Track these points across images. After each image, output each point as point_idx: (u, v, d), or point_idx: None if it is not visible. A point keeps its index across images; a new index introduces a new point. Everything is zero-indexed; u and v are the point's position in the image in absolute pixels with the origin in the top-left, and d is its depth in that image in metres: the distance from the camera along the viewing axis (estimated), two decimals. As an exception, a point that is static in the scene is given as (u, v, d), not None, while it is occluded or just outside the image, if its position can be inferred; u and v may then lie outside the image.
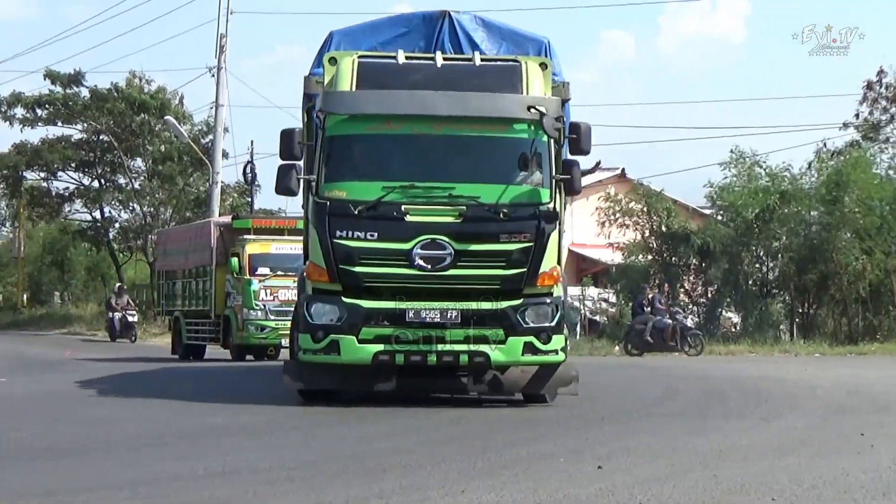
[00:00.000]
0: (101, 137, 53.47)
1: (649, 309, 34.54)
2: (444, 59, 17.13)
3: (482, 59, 17.21)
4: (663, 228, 40.00)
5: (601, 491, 9.97)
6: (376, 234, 15.82)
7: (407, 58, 17.00)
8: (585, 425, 14.88)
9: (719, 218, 40.24)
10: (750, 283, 39.75)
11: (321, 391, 16.78)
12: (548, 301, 16.26)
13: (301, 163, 16.51)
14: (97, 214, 55.92)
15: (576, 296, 42.69)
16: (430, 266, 15.81)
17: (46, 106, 52.57)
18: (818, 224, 39.18)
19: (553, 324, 16.21)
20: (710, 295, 40.42)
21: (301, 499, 9.68)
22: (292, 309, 20.15)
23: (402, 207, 15.82)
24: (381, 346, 15.77)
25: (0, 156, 54.76)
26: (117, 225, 56.69)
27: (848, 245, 38.00)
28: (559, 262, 17.17)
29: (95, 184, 55.38)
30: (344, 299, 15.89)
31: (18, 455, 12.06)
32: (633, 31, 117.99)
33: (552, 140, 16.13)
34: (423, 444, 12.95)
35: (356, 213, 15.80)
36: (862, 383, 21.93)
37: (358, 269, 15.85)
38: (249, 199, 49.12)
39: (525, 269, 15.99)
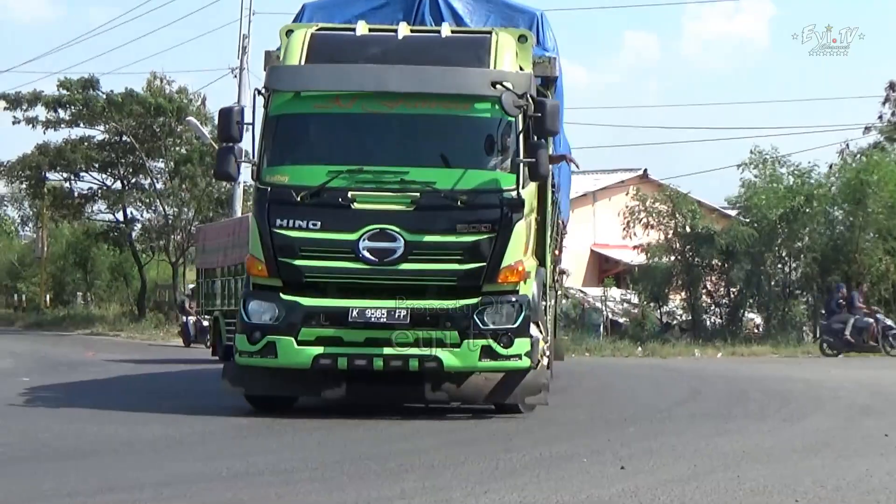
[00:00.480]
0: (123, 138, 53.59)
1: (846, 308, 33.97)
2: (412, 30, 15.69)
3: (452, 31, 15.72)
4: (687, 229, 39.93)
5: (624, 492, 9.95)
6: (319, 224, 14.40)
7: (371, 30, 15.52)
8: (608, 426, 14.86)
9: (745, 220, 40.03)
10: (773, 283, 39.69)
11: (270, 398, 15.53)
12: (512, 300, 14.55)
13: (240, 145, 14.99)
14: (119, 215, 56.00)
15: (598, 297, 42.72)
16: (377, 259, 14.31)
17: (67, 106, 52.65)
18: (841, 225, 39.12)
19: (515, 325, 14.47)
20: (732, 296, 40.36)
21: (323, 499, 9.68)
22: None
23: (349, 194, 14.37)
24: (321, 349, 14.37)
25: (23, 156, 54.85)
26: (139, 225, 56.79)
27: (871, 246, 37.96)
28: (544, 257, 16.43)
29: (118, 185, 55.49)
30: (282, 296, 14.50)
31: (41, 455, 12.09)
32: (656, 32, 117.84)
33: (519, 119, 14.58)
34: (443, 444, 12.93)
35: (298, 199, 14.44)
36: (885, 385, 21.89)
37: (298, 262, 14.44)
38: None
39: (484, 264, 14.40)
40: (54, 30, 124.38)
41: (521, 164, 14.58)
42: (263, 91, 14.88)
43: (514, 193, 14.51)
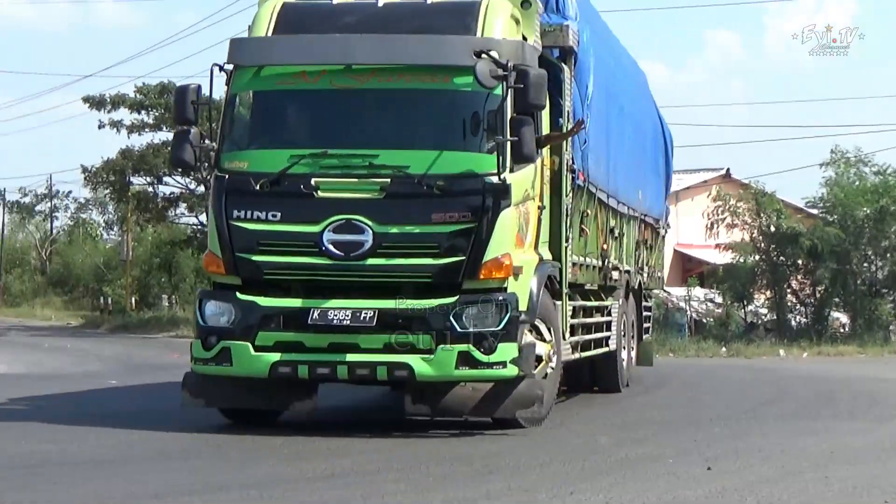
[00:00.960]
0: (204, 142, 54.01)
1: None
2: None
3: None
4: (772, 229, 39.59)
5: (711, 493, 9.88)
6: (279, 215, 13.02)
7: None
8: (693, 426, 14.77)
9: (829, 219, 39.61)
10: (859, 283, 39.29)
11: (250, 411, 14.06)
12: (499, 298, 12.88)
13: (197, 129, 13.70)
14: (203, 218, 56.41)
15: (682, 297, 42.50)
16: (343, 254, 12.85)
17: (150, 110, 53.08)
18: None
19: (499, 328, 12.78)
20: (818, 295, 39.98)
21: (409, 500, 9.68)
22: None
23: (312, 181, 12.95)
24: (279, 356, 12.94)
25: (107, 161, 55.38)
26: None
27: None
28: (559, 251, 14.77)
29: (200, 188, 55.91)
30: (239, 296, 13.10)
31: (129, 458, 12.20)
32: (737, 30, 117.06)
33: (507, 93, 12.91)
34: (528, 446, 12.89)
35: (257, 188, 13.10)
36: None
37: (257, 257, 13.09)
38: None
39: (464, 258, 12.83)
40: (137, 35, 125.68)
41: (508, 145, 12.92)
42: (225, 67, 13.57)
43: (498, 178, 12.89)
